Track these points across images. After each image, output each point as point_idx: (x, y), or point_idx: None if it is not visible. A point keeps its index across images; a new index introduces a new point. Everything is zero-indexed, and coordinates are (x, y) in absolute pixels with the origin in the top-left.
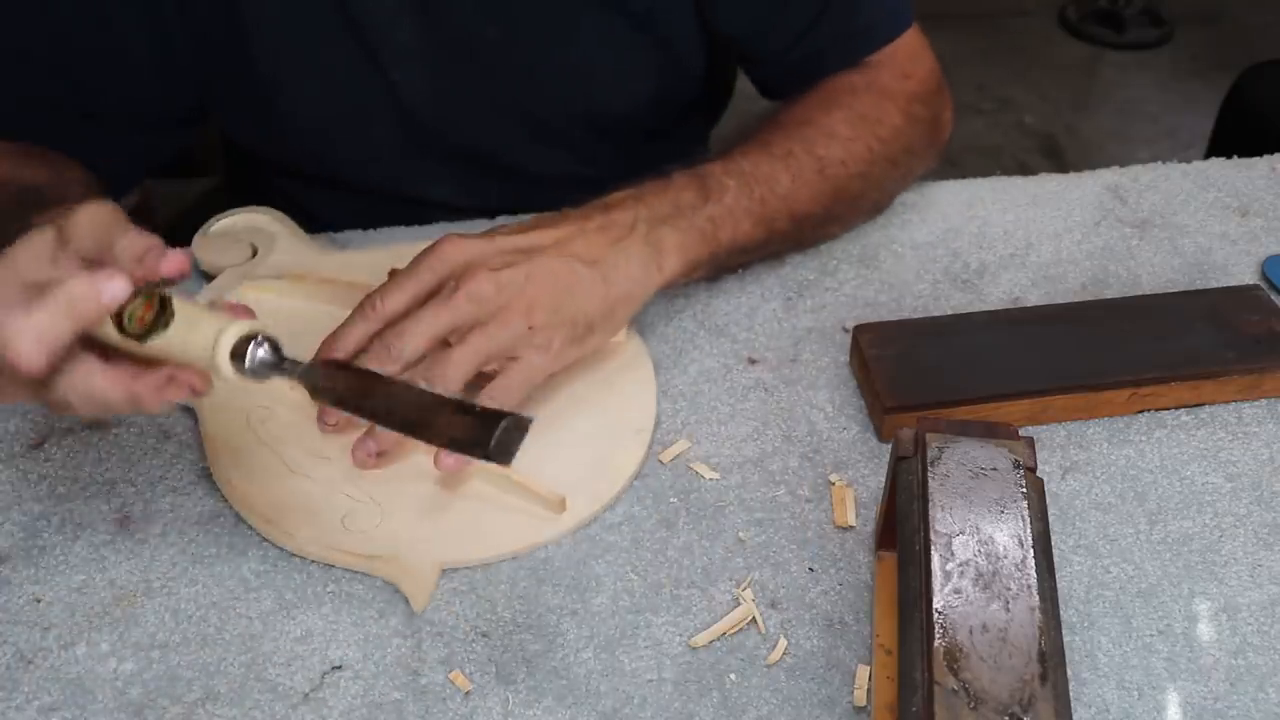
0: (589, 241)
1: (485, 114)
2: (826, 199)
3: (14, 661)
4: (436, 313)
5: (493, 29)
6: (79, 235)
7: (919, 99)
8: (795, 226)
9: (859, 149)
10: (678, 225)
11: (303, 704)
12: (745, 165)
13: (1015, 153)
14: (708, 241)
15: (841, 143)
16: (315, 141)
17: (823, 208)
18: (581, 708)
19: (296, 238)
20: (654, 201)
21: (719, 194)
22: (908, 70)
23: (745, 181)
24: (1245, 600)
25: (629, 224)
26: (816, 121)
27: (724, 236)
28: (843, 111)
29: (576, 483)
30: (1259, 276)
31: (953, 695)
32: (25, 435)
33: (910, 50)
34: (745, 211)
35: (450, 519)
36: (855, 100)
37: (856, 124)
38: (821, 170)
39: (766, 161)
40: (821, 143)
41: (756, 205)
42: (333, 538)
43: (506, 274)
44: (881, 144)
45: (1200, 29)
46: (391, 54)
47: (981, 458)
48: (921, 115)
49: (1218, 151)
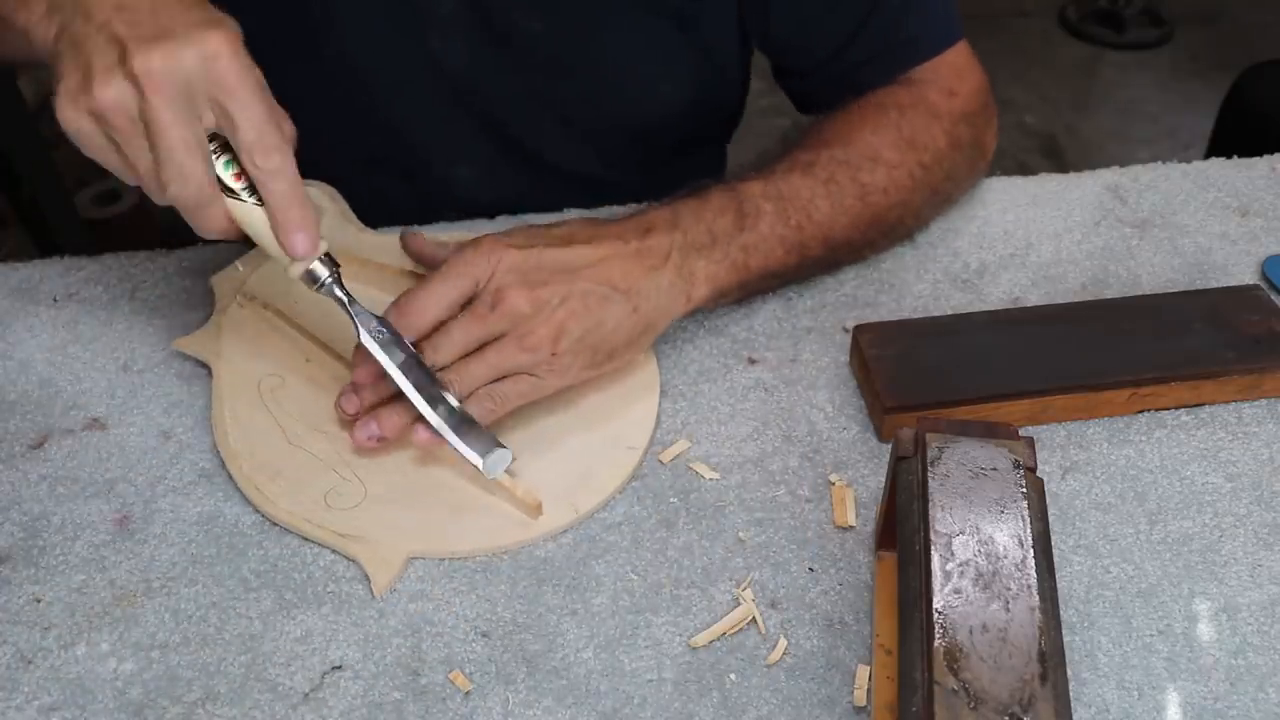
0: (625, 268)
1: (518, 98)
2: (864, 226)
3: (14, 661)
4: (469, 328)
5: (535, 22)
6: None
7: (964, 119)
8: (830, 252)
9: (901, 176)
10: (711, 256)
11: (303, 704)
12: (785, 188)
13: (1015, 153)
14: (739, 270)
15: (885, 169)
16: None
17: (860, 234)
18: (581, 708)
19: (343, 218)
20: (690, 228)
21: (755, 220)
22: (954, 87)
23: (783, 207)
24: (1245, 600)
25: (664, 252)
26: (862, 143)
27: (755, 264)
28: (890, 133)
29: (558, 491)
30: (1259, 276)
31: (953, 695)
32: (25, 435)
33: (957, 65)
34: (779, 239)
35: (427, 511)
36: (903, 120)
37: (903, 148)
38: (863, 198)
39: (807, 186)
40: (866, 168)
41: (793, 232)
42: (311, 511)
43: (543, 293)
44: (924, 170)
45: (1200, 29)
46: (433, 23)
47: (981, 458)
48: (965, 138)
49: (1218, 151)
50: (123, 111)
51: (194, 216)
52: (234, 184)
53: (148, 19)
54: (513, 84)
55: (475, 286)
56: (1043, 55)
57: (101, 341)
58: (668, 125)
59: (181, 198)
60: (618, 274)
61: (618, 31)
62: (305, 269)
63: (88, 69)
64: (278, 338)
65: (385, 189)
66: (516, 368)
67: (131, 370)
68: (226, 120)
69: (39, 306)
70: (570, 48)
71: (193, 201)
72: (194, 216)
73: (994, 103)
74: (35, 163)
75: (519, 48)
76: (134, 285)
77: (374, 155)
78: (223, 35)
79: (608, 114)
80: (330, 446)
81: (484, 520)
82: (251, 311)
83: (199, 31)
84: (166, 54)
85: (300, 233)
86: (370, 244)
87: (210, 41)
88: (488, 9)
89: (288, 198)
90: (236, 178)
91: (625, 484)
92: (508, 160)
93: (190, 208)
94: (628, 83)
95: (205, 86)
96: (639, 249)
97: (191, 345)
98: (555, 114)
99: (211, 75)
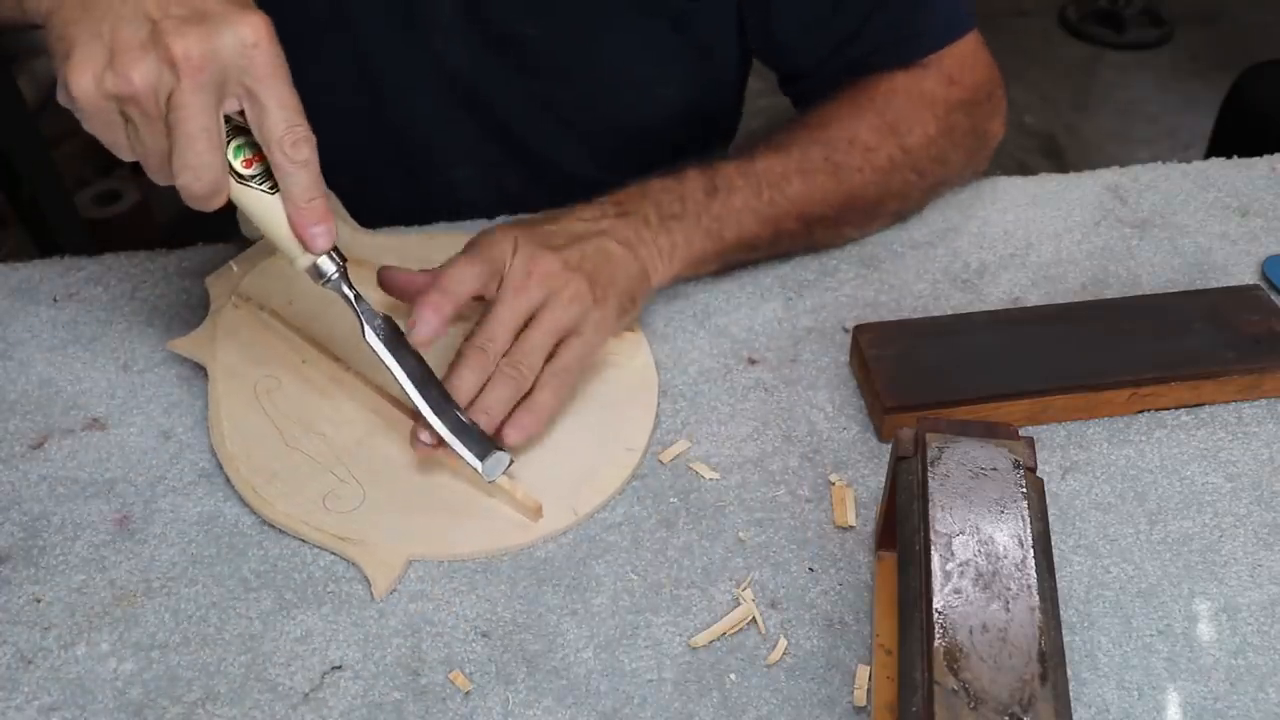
0: (615, 225)
1: (518, 100)
2: (838, 204)
3: (14, 661)
4: (514, 303)
5: (530, 26)
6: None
7: (961, 107)
8: (805, 228)
9: (879, 159)
10: (684, 220)
11: (303, 704)
12: (759, 166)
13: (1015, 153)
14: (713, 239)
15: (861, 151)
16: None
17: (835, 210)
18: (581, 708)
19: (340, 217)
20: (662, 198)
21: (727, 193)
22: (955, 76)
23: (755, 182)
24: (1245, 600)
25: (642, 216)
26: (840, 126)
27: (729, 235)
28: (872, 118)
29: (557, 493)
30: (1259, 276)
31: (953, 695)
32: (25, 435)
33: (961, 55)
34: (752, 211)
35: (426, 513)
36: (887, 106)
37: (883, 132)
38: (836, 175)
39: (780, 163)
40: (842, 149)
41: (765, 206)
42: (310, 514)
43: (567, 254)
44: (906, 154)
45: (1200, 29)
46: (436, 25)
47: (981, 458)
48: (961, 125)
49: (1218, 151)
50: (151, 93)
51: (197, 201)
52: (244, 170)
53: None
54: (512, 86)
55: (498, 266)
56: (1042, 55)
57: (101, 341)
58: (665, 127)
59: (193, 187)
60: (611, 230)
61: (613, 33)
62: (314, 263)
63: (116, 45)
64: (273, 339)
65: (385, 188)
66: (569, 324)
67: (131, 370)
68: (257, 108)
69: (39, 306)
70: (566, 51)
71: (205, 191)
72: (197, 201)
73: (1003, 96)
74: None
75: (516, 51)
76: (134, 285)
77: (375, 155)
78: (260, 20)
79: (605, 116)
80: (327, 448)
81: (483, 523)
82: (247, 312)
83: (236, 15)
84: (205, 37)
85: (320, 225)
86: (365, 244)
87: (248, 27)
88: (485, 13)
89: (311, 190)
90: (246, 164)
91: (625, 485)
92: (508, 161)
93: (199, 196)
94: (624, 85)
95: (238, 74)
96: (618, 212)
97: (186, 347)
98: (554, 116)
99: (247, 62)
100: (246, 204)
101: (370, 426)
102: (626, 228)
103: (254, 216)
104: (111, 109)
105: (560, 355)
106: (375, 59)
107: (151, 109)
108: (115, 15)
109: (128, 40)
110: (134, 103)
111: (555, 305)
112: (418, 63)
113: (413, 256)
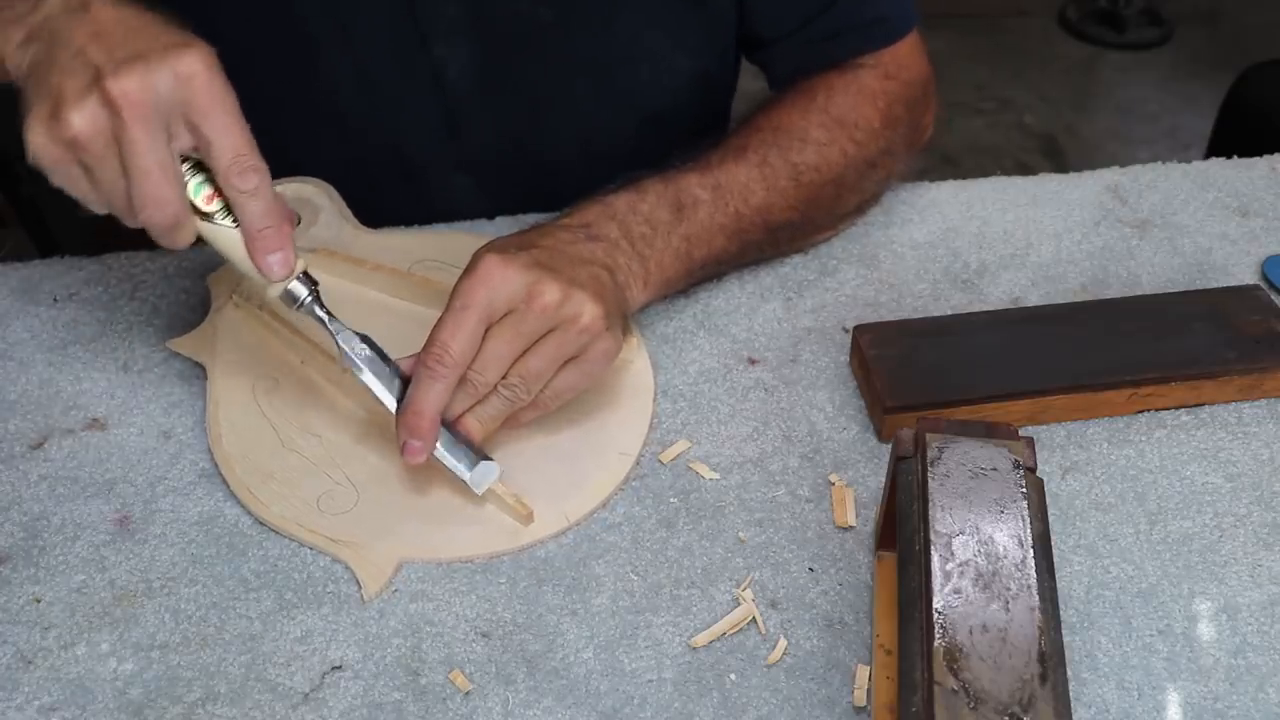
0: (593, 250)
1: (525, 99)
2: (801, 206)
3: (14, 661)
4: (510, 339)
5: (545, 10)
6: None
7: (900, 100)
8: (770, 236)
9: (833, 153)
10: (654, 244)
11: (303, 704)
12: (721, 176)
13: (1015, 153)
14: (682, 259)
15: (815, 147)
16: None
17: (799, 215)
18: (581, 708)
19: (341, 215)
20: (629, 220)
21: (693, 209)
22: (892, 72)
23: (720, 195)
24: (1245, 600)
25: (614, 240)
26: (791, 126)
27: (698, 254)
28: (818, 115)
29: (550, 497)
30: (1259, 276)
31: (953, 695)
32: (25, 435)
33: (899, 54)
34: (719, 228)
35: (419, 516)
36: (831, 102)
37: (831, 127)
38: (796, 178)
39: (743, 172)
40: (796, 148)
41: (730, 220)
42: (304, 515)
43: (564, 277)
44: (857, 147)
45: (1200, 29)
46: (440, 29)
47: (981, 458)
48: (901, 116)
49: (1218, 151)
50: (97, 135)
51: (165, 236)
52: (206, 207)
53: (121, 44)
54: (519, 86)
55: (489, 305)
56: (1042, 55)
57: (101, 341)
58: (679, 104)
59: (154, 222)
60: (599, 254)
61: (629, 9)
62: (284, 289)
63: (59, 95)
64: (272, 339)
65: (384, 193)
66: (574, 352)
67: (131, 370)
68: (202, 141)
69: (39, 306)
70: (582, 32)
71: (166, 225)
72: (165, 236)
73: (935, 95)
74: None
75: (527, 43)
76: (134, 285)
77: (374, 160)
78: (196, 55)
79: (621, 96)
80: (323, 449)
81: (475, 527)
82: (246, 312)
83: (173, 53)
84: (141, 75)
85: (276, 254)
86: (367, 243)
87: (184, 62)
88: (494, 10)
89: (264, 219)
90: (208, 200)
91: (618, 490)
92: (509, 164)
93: (162, 231)
94: (641, 58)
95: (179, 108)
96: (589, 235)
97: (186, 346)
98: (561, 113)
99: (186, 96)
100: (213, 240)
101: (366, 428)
102: (600, 249)
103: (221, 251)
104: (69, 159)
105: (560, 379)
106: (375, 70)
107: (98, 150)
108: (61, 69)
109: (71, 88)
110: (80, 147)
111: (564, 334)
112: (416, 71)
113: (412, 254)
